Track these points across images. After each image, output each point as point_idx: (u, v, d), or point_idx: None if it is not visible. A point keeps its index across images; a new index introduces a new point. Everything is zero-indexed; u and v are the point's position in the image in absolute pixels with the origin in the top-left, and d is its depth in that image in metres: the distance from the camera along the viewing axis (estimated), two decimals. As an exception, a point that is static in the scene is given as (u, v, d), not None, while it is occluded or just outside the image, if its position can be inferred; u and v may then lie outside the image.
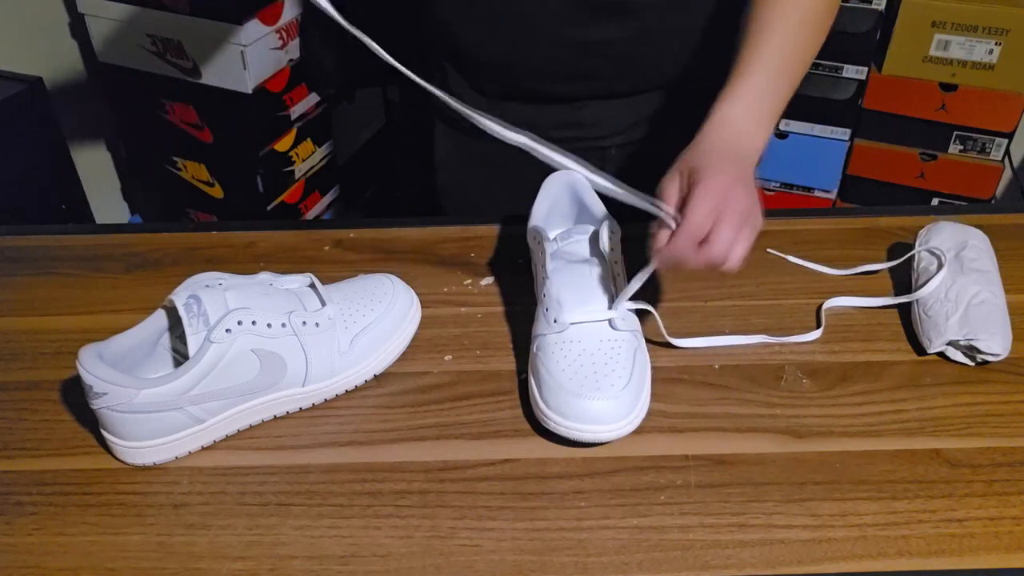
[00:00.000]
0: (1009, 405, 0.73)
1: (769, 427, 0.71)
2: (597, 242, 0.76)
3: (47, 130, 1.65)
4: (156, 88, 1.81)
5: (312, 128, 1.96)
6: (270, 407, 0.71)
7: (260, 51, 1.74)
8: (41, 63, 1.78)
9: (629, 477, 0.67)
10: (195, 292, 0.68)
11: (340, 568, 0.62)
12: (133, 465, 0.69)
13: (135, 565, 0.62)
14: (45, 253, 0.91)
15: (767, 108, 0.76)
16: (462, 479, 0.68)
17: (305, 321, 0.70)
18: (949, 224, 0.85)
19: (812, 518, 0.64)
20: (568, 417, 0.68)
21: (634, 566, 0.62)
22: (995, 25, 1.75)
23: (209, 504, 0.66)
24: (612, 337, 0.71)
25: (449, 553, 0.63)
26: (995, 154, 1.92)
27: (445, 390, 0.75)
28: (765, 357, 0.77)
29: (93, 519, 0.65)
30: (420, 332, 0.78)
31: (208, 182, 1.93)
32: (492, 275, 0.87)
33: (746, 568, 0.61)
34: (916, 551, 0.62)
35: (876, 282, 0.85)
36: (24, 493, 0.67)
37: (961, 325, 0.75)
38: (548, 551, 0.63)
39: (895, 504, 0.65)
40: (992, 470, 0.67)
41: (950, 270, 0.79)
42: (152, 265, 0.89)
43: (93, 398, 0.65)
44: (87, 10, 1.78)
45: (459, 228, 0.93)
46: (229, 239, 0.92)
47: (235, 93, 1.75)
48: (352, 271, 0.82)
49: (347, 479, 0.68)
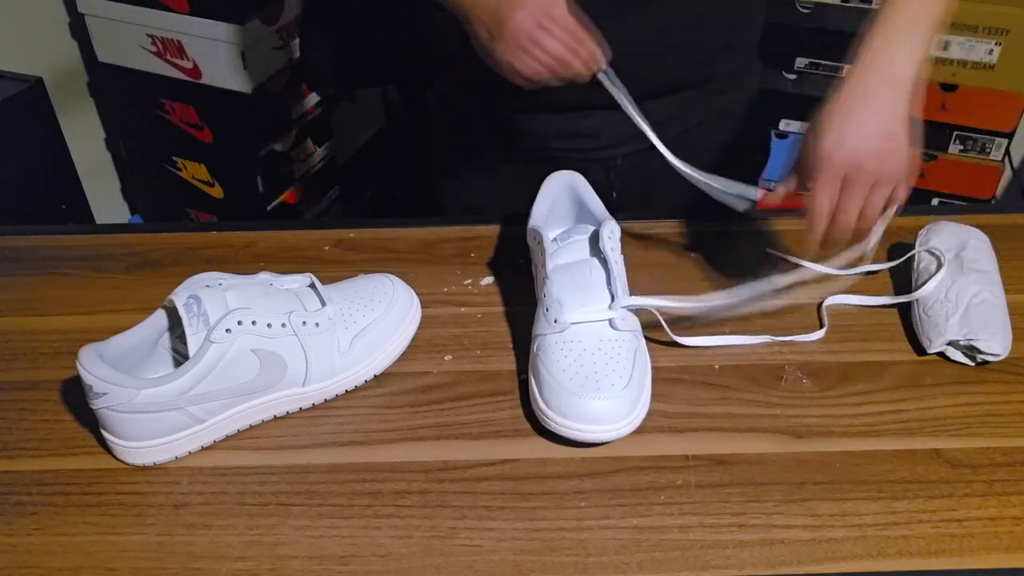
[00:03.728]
0: (1009, 405, 0.73)
1: (769, 427, 0.71)
2: (597, 242, 0.76)
3: (47, 130, 1.65)
4: (156, 88, 1.81)
5: (312, 128, 1.96)
6: (270, 407, 0.71)
7: (260, 51, 1.75)
8: (41, 63, 1.78)
9: (629, 477, 0.67)
10: (195, 292, 0.68)
11: (340, 568, 0.62)
12: (133, 465, 0.69)
13: (135, 565, 0.62)
14: (45, 253, 0.91)
15: (925, 32, 0.71)
16: (462, 479, 0.68)
17: (305, 321, 0.70)
18: (949, 224, 0.85)
19: (812, 518, 0.64)
20: (568, 417, 0.68)
21: (634, 566, 0.62)
22: (995, 25, 1.75)
23: (209, 504, 0.66)
24: (612, 337, 0.71)
25: (449, 553, 0.63)
26: (995, 154, 1.92)
27: (445, 390, 0.75)
28: (765, 357, 0.77)
29: (93, 519, 0.65)
30: (420, 332, 0.78)
31: (208, 182, 1.93)
32: (492, 275, 0.87)
33: (746, 568, 0.61)
34: (916, 551, 0.62)
35: (876, 282, 0.85)
36: (24, 493, 0.67)
37: (961, 325, 0.75)
38: (548, 551, 0.63)
39: (895, 504, 0.65)
40: (992, 470, 0.67)
41: (950, 270, 0.79)
42: (152, 265, 0.89)
43: (93, 398, 0.65)
44: (87, 10, 1.78)
45: (459, 228, 0.93)
46: (229, 239, 0.92)
47: (235, 93, 1.76)
48: (352, 271, 0.82)
49: (347, 479, 0.68)
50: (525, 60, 0.72)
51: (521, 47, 0.71)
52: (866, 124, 0.69)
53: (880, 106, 0.69)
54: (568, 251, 0.76)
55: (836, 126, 0.69)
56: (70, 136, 1.71)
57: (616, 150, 0.95)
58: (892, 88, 0.70)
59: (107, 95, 1.96)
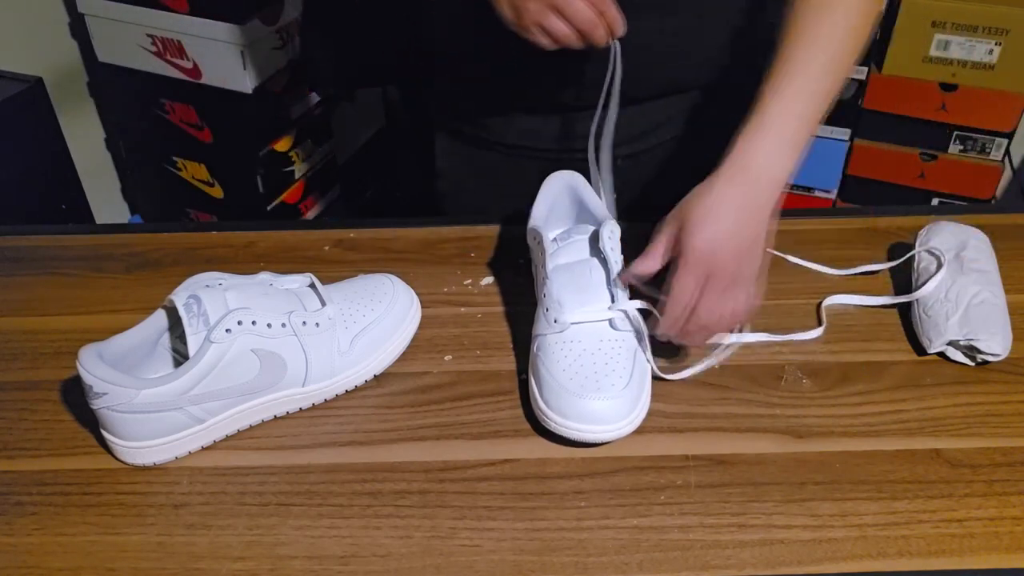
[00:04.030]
0: (1009, 405, 0.73)
1: (769, 427, 0.71)
2: (597, 242, 0.76)
3: (47, 130, 1.65)
4: (156, 88, 1.81)
5: (312, 128, 1.96)
6: (270, 407, 0.71)
7: (260, 51, 1.74)
8: (41, 63, 1.78)
9: (629, 477, 0.67)
10: (195, 292, 0.68)
11: (340, 568, 0.62)
12: (133, 465, 0.69)
13: (135, 565, 0.62)
14: (45, 253, 0.91)
15: (801, 135, 0.70)
16: (462, 479, 0.68)
17: (305, 321, 0.70)
18: (949, 224, 0.85)
19: (812, 518, 0.64)
20: (568, 417, 0.68)
21: (634, 566, 0.62)
22: (995, 25, 1.75)
23: (209, 504, 0.66)
24: (612, 337, 0.71)
25: (449, 553, 0.63)
26: (995, 154, 1.92)
27: (445, 390, 0.75)
28: (765, 357, 0.77)
29: (93, 519, 0.65)
30: (420, 332, 0.78)
31: (208, 182, 1.93)
32: (492, 275, 0.87)
33: (746, 568, 0.61)
34: (916, 551, 0.62)
35: (876, 282, 0.85)
36: (24, 493, 0.67)
37: (961, 325, 0.75)
38: (548, 551, 0.63)
39: (895, 504, 0.65)
40: (992, 470, 0.67)
41: (950, 270, 0.79)
42: (152, 265, 0.89)
43: (93, 398, 0.65)
44: (87, 10, 1.78)
45: (459, 228, 0.93)
46: (229, 239, 0.92)
47: (235, 93, 1.76)
48: (352, 271, 0.82)
49: (347, 479, 0.68)
50: (554, 22, 0.72)
51: (553, 6, 0.71)
52: (737, 231, 0.68)
53: (750, 213, 0.69)
54: (568, 251, 0.76)
55: (709, 226, 0.68)
56: (70, 136, 1.71)
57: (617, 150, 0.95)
58: (764, 191, 0.70)
59: (107, 95, 1.96)
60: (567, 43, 0.73)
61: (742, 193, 0.69)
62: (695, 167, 0.92)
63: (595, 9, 0.72)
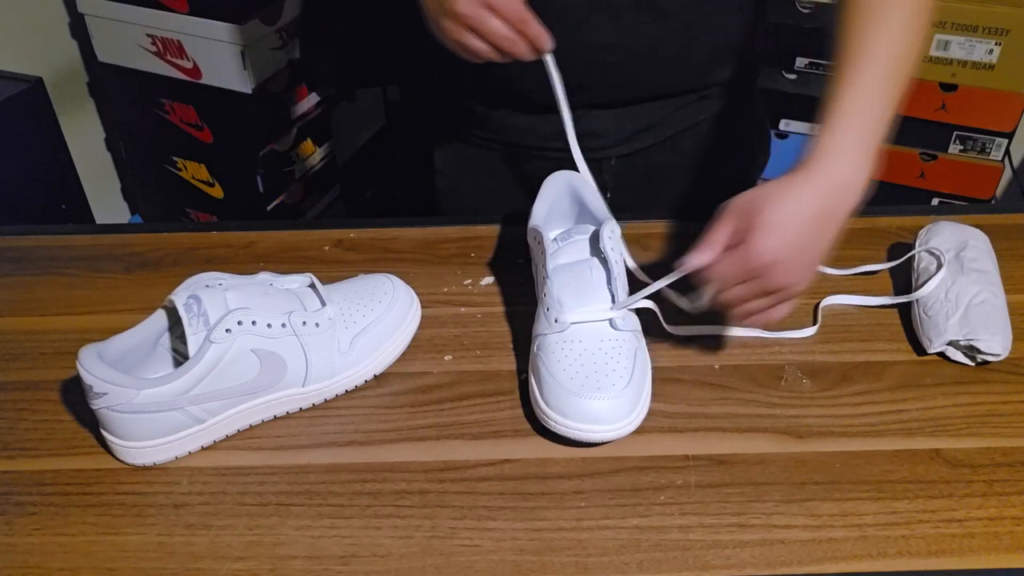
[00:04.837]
0: (1009, 405, 0.73)
1: (769, 427, 0.71)
2: (597, 242, 0.76)
3: (47, 130, 1.65)
4: (156, 88, 1.81)
5: (312, 128, 1.96)
6: (270, 407, 0.71)
7: (260, 51, 1.75)
8: (41, 63, 1.78)
9: (629, 477, 0.67)
10: (195, 292, 0.68)
11: (340, 568, 0.62)
12: (133, 465, 0.69)
13: (135, 565, 0.62)
14: (45, 253, 0.91)
15: (877, 134, 0.68)
16: (462, 479, 0.68)
17: (305, 321, 0.70)
18: (949, 224, 0.85)
19: (812, 518, 0.64)
20: (568, 417, 0.68)
21: (634, 566, 0.62)
22: (995, 25, 1.75)
23: (209, 504, 0.66)
24: (613, 337, 0.71)
25: (449, 553, 0.63)
26: (995, 154, 1.92)
27: (445, 390, 0.75)
28: (765, 357, 0.77)
29: (93, 519, 0.65)
30: (420, 332, 0.78)
31: (208, 182, 1.93)
32: (492, 275, 0.87)
33: (746, 568, 0.61)
34: (916, 551, 0.62)
35: (876, 282, 0.85)
36: (24, 493, 0.67)
37: (961, 325, 0.75)
38: (548, 551, 0.63)
39: (895, 504, 0.65)
40: (992, 470, 0.67)
41: (950, 270, 0.79)
42: (152, 265, 0.89)
43: (93, 398, 0.65)
44: (87, 10, 1.78)
45: (459, 228, 0.93)
46: (229, 239, 0.92)
47: (235, 93, 1.76)
48: (352, 271, 0.82)
49: (347, 479, 0.68)
50: (470, 39, 0.72)
51: (467, 25, 0.72)
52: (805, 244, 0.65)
53: (823, 223, 0.66)
54: (568, 251, 0.76)
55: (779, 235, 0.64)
56: (70, 136, 1.71)
57: (610, 151, 0.95)
58: (846, 199, 0.66)
59: (107, 95, 1.96)
60: (488, 58, 0.73)
61: (824, 197, 0.65)
62: (689, 168, 0.93)
63: (514, 27, 0.72)
